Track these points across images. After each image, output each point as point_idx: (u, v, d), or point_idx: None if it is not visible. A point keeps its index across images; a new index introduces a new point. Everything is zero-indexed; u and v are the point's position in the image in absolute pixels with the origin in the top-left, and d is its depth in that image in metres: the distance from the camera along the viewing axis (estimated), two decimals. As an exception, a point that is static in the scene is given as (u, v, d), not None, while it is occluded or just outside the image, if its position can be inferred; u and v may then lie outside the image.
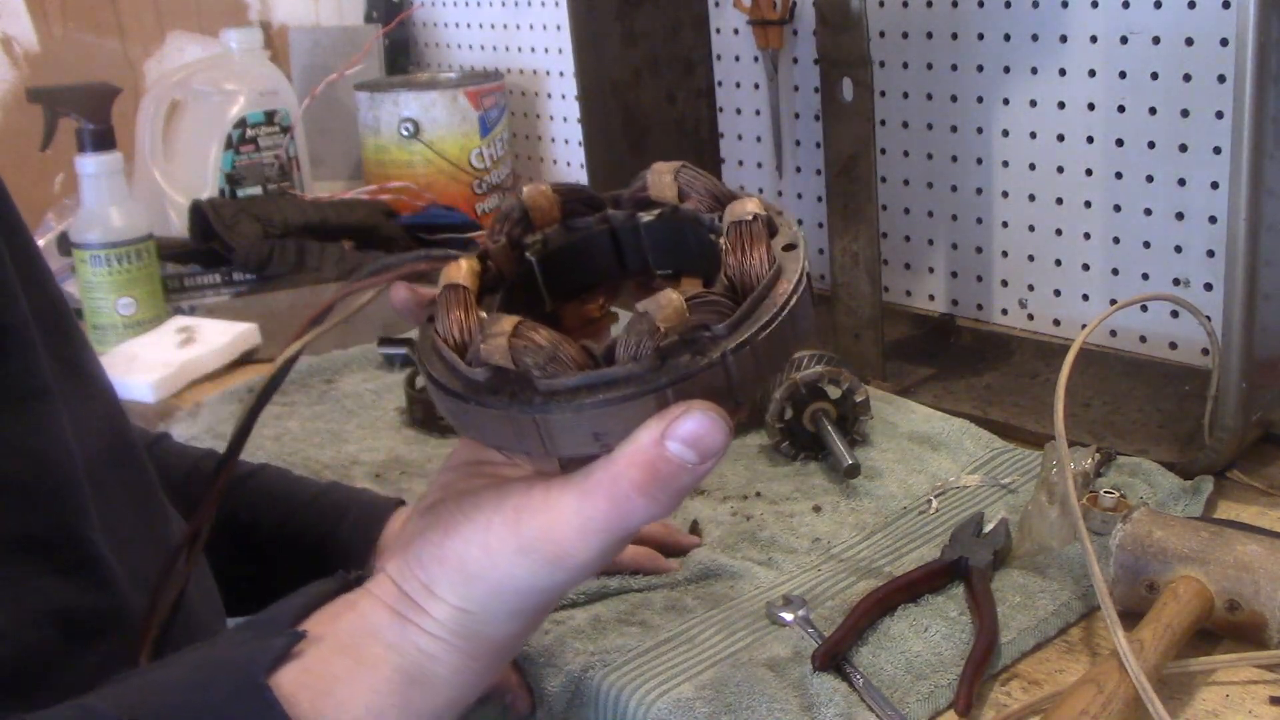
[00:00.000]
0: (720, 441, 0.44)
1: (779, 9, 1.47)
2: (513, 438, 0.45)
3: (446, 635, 0.49)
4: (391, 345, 1.27)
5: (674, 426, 0.43)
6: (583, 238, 0.54)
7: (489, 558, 0.48)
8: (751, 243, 0.46)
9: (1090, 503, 0.87)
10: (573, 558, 0.47)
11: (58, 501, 0.59)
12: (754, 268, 0.45)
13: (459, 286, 0.48)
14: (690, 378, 0.43)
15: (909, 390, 1.14)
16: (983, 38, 1.28)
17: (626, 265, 0.55)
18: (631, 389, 0.43)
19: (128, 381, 1.24)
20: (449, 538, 0.49)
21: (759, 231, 0.46)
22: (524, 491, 0.48)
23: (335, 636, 0.50)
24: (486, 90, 1.77)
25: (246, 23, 2.03)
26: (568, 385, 0.43)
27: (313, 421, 1.15)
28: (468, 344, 0.47)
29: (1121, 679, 0.66)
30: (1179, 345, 1.20)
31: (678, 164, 0.52)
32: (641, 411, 0.43)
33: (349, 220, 1.62)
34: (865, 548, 0.88)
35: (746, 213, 0.47)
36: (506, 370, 0.44)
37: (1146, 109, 1.17)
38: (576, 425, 0.44)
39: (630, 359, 0.43)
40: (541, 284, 0.54)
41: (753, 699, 0.71)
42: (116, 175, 1.36)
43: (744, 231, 0.46)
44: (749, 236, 0.46)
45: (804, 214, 1.53)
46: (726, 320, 0.44)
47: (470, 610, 0.49)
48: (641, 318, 0.43)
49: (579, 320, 0.56)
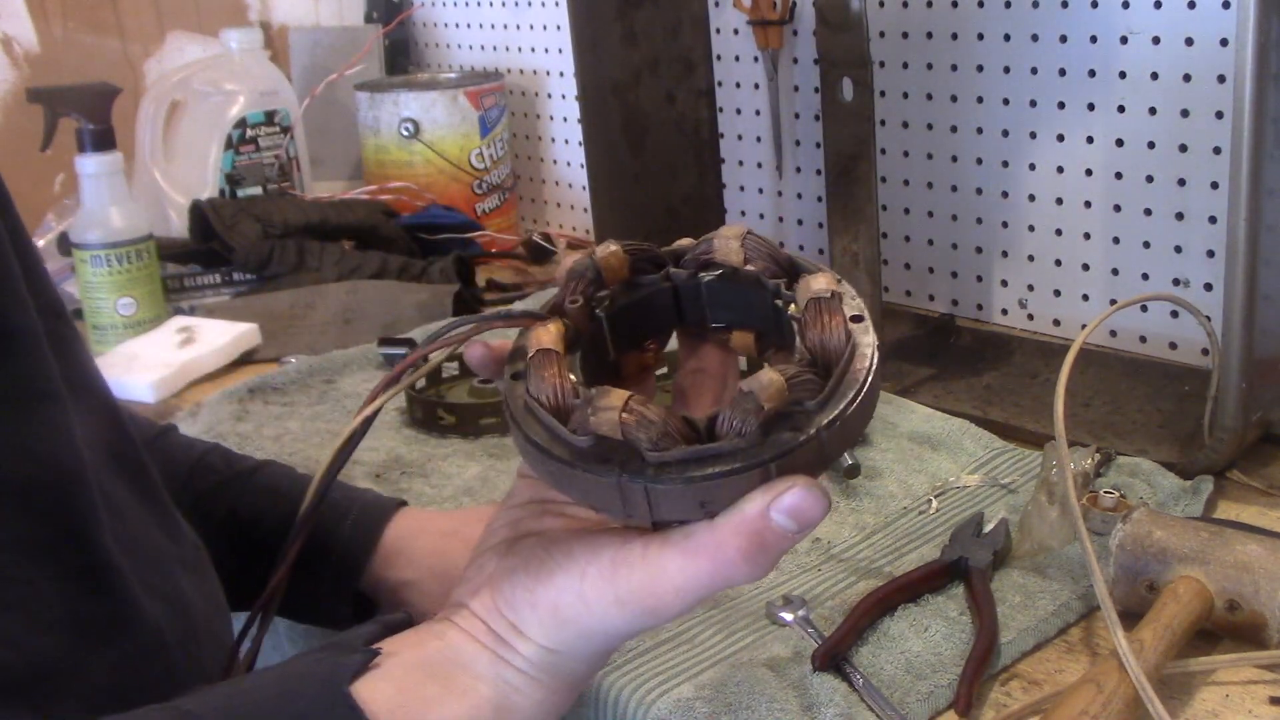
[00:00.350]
0: (819, 513, 0.48)
1: (779, 9, 1.47)
2: (617, 503, 0.49)
3: (533, 671, 0.53)
4: (391, 345, 1.27)
5: (780, 500, 0.47)
6: (647, 294, 0.57)
7: (584, 606, 0.51)
8: (830, 318, 0.50)
9: (1090, 503, 0.87)
10: (668, 609, 0.51)
11: (67, 505, 0.58)
12: (834, 343, 0.49)
13: (551, 351, 0.52)
14: (792, 452, 0.47)
15: (909, 390, 1.14)
16: (983, 38, 1.28)
17: (685, 319, 0.58)
18: (738, 463, 0.47)
19: (128, 381, 1.24)
20: (541, 584, 0.52)
21: (836, 307, 0.50)
22: (620, 545, 0.51)
23: (422, 663, 0.53)
24: (486, 90, 1.77)
25: (246, 23, 2.04)
26: (677, 458, 0.47)
27: (313, 421, 1.15)
28: (561, 407, 0.50)
29: (1121, 679, 0.66)
30: (1179, 345, 1.20)
31: (743, 230, 0.56)
32: (747, 483, 0.47)
33: (349, 220, 1.62)
34: (865, 548, 0.88)
35: (824, 289, 0.51)
36: (611, 439, 0.48)
37: (1146, 109, 1.17)
38: (684, 495, 0.48)
39: (736, 434, 0.47)
40: (608, 337, 0.57)
41: (753, 699, 0.71)
42: (116, 175, 1.36)
43: (823, 307, 0.50)
44: (828, 312, 0.50)
45: (804, 214, 1.53)
46: (817, 397, 0.48)
47: (557, 650, 0.53)
48: (746, 396, 0.47)
49: (635, 367, 0.59)
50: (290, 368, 1.26)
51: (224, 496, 0.84)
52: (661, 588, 0.50)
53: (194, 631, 0.66)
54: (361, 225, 1.62)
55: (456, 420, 1.11)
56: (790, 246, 1.55)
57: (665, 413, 0.48)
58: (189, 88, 1.77)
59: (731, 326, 0.58)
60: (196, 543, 0.73)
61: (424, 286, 1.46)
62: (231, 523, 0.83)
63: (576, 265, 0.56)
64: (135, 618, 0.60)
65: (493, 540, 0.57)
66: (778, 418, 0.47)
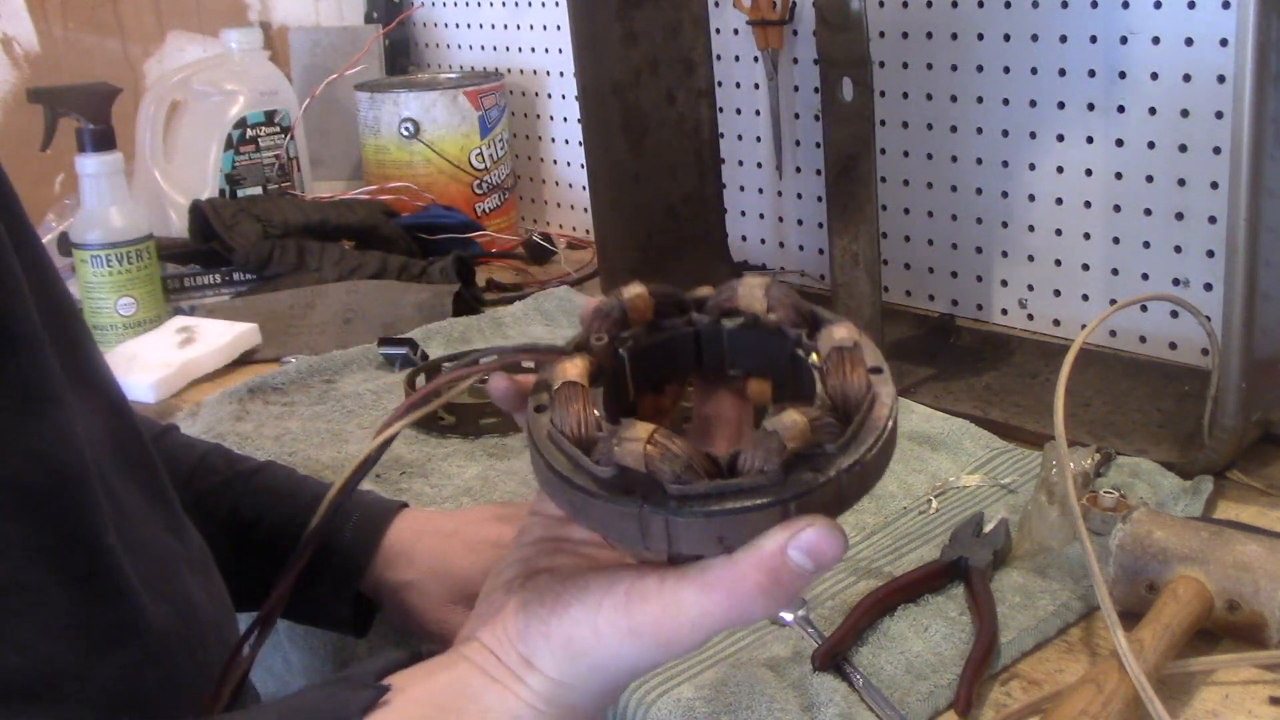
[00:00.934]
0: (837, 554, 0.49)
1: (779, 9, 1.47)
2: (636, 534, 0.49)
3: (540, 704, 0.53)
4: (391, 345, 1.27)
5: (798, 538, 0.48)
6: (669, 337, 0.59)
7: (597, 638, 0.51)
8: (851, 368, 0.51)
9: (1090, 503, 0.87)
10: (682, 643, 0.51)
11: (72, 508, 0.58)
12: (855, 391, 0.51)
13: (577, 384, 0.53)
14: (811, 492, 0.48)
15: (909, 390, 1.14)
16: (983, 38, 1.28)
17: (703, 363, 0.59)
18: (759, 500, 0.48)
19: (128, 381, 1.23)
20: (555, 615, 0.52)
21: (859, 357, 0.52)
22: (635, 579, 0.51)
23: (431, 698, 0.53)
24: (486, 90, 1.77)
25: (246, 23, 2.04)
26: (699, 492, 0.48)
27: (313, 421, 1.15)
28: (585, 439, 0.51)
29: (1121, 679, 0.66)
30: (1179, 345, 1.20)
31: (768, 280, 0.57)
32: (766, 521, 0.48)
33: (349, 220, 1.62)
34: (865, 548, 0.88)
35: (846, 339, 0.53)
36: (633, 471, 0.49)
37: (1146, 109, 1.17)
38: (704, 529, 0.48)
39: (758, 472, 0.48)
40: (629, 376, 0.58)
41: (753, 699, 0.71)
42: (116, 175, 1.36)
43: (845, 357, 0.52)
44: (850, 361, 0.52)
45: (804, 214, 1.53)
46: (838, 441, 0.49)
47: (568, 684, 0.52)
48: (770, 435, 0.48)
49: (652, 409, 0.60)
50: (290, 368, 1.26)
51: (226, 496, 0.84)
52: (677, 620, 0.50)
53: (200, 634, 0.66)
54: (361, 225, 1.62)
55: (456, 420, 1.11)
56: (790, 246, 1.56)
57: (689, 447, 0.49)
58: (189, 88, 1.77)
59: (750, 374, 0.59)
60: (202, 544, 0.73)
61: (424, 286, 1.46)
62: (233, 523, 0.83)
63: (603, 305, 0.57)
64: (141, 622, 0.60)
65: (505, 576, 0.57)
66: (799, 459, 0.48)
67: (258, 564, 0.80)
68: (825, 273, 1.39)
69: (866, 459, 0.49)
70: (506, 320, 1.39)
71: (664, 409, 0.61)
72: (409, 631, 0.83)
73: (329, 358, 1.27)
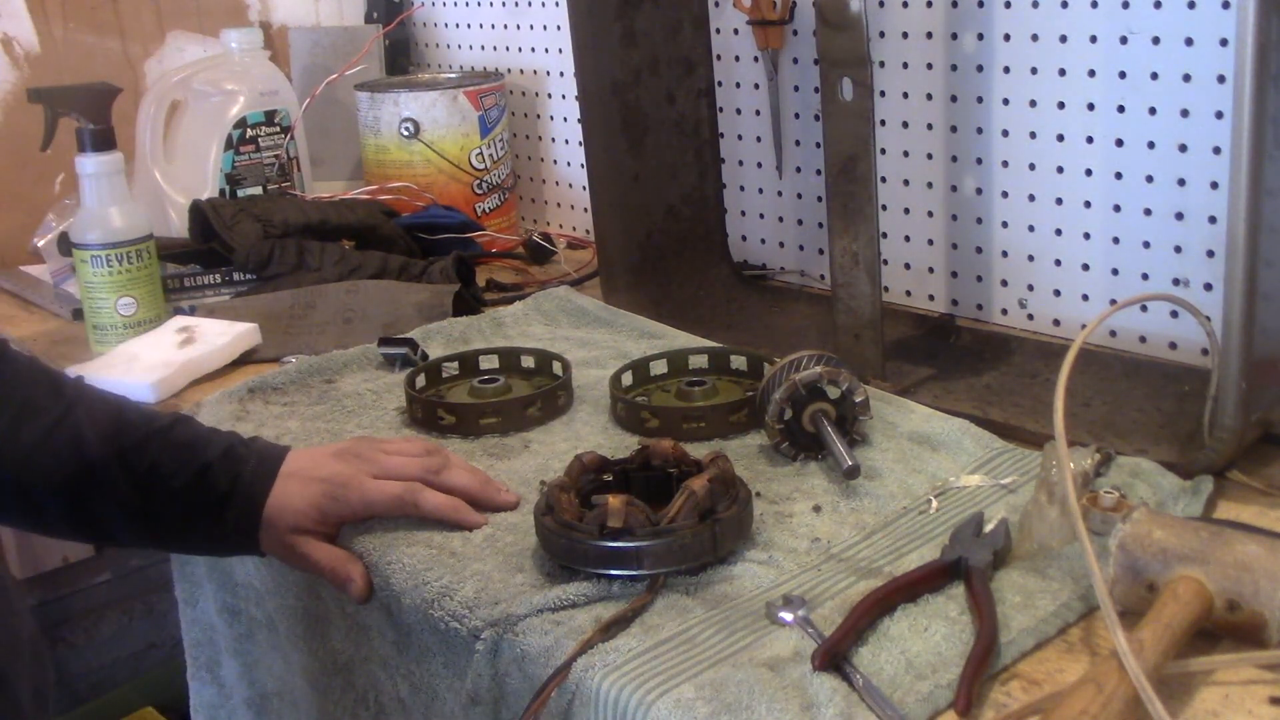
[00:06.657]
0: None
1: (779, 9, 1.47)
2: None
3: None
4: (391, 345, 1.27)
5: None
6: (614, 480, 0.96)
7: None
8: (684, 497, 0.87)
9: (1090, 503, 0.87)
10: None
11: None
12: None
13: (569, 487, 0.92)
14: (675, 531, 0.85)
15: (909, 390, 1.14)
16: (983, 38, 1.28)
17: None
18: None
19: (128, 381, 1.24)
20: None
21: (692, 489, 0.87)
22: None
23: None
24: (486, 90, 1.77)
25: (246, 23, 2.04)
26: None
27: (313, 421, 1.15)
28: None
29: (1121, 679, 0.66)
30: (1179, 345, 1.20)
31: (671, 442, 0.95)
32: None
33: (349, 220, 1.61)
34: (865, 548, 0.88)
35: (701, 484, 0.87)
36: None
37: (1146, 109, 1.17)
38: None
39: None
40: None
41: (753, 699, 0.71)
42: (117, 175, 1.36)
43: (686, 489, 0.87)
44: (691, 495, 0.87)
45: (804, 214, 1.53)
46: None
47: None
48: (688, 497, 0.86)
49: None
50: (290, 368, 1.26)
51: (146, 452, 0.95)
52: None
53: None
54: (361, 225, 1.62)
55: (456, 420, 1.11)
56: (790, 246, 1.56)
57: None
58: (189, 88, 1.77)
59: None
60: None
61: (424, 286, 1.46)
62: (153, 475, 0.94)
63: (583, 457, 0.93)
64: None
65: None
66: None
67: (170, 509, 0.95)
68: (825, 273, 1.39)
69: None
70: (506, 320, 1.39)
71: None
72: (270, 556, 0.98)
73: (329, 358, 1.27)
